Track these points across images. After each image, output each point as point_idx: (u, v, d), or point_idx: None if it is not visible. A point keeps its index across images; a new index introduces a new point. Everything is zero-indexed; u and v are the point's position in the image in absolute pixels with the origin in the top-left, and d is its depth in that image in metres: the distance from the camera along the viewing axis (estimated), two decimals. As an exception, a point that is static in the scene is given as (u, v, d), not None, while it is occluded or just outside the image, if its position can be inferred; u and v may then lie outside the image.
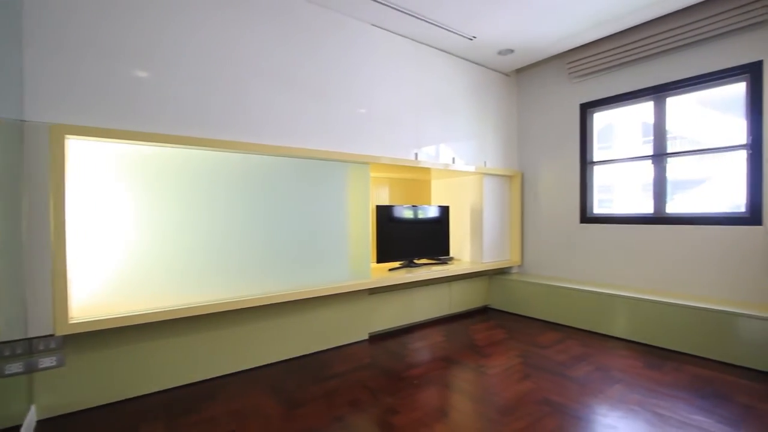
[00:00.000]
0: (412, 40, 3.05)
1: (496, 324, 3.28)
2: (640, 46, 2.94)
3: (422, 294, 3.30)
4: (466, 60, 3.46)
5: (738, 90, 2.63)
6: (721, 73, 2.65)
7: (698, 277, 2.75)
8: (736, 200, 2.64)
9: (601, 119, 3.42)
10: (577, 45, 3.24)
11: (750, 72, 2.53)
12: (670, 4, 2.61)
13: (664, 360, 2.43)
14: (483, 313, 3.67)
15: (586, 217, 3.41)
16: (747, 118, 2.55)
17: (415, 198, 3.82)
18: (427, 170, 3.31)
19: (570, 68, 3.41)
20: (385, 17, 2.71)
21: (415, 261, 3.47)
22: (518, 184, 3.84)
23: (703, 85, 2.75)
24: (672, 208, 2.93)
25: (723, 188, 2.72)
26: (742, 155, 2.59)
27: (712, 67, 2.68)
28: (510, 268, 3.93)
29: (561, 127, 3.59)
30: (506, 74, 3.85)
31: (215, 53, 2.12)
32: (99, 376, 1.92)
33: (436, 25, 2.83)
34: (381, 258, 3.14)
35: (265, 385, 2.15)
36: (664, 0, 2.54)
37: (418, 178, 3.82)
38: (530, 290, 3.46)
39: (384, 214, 3.19)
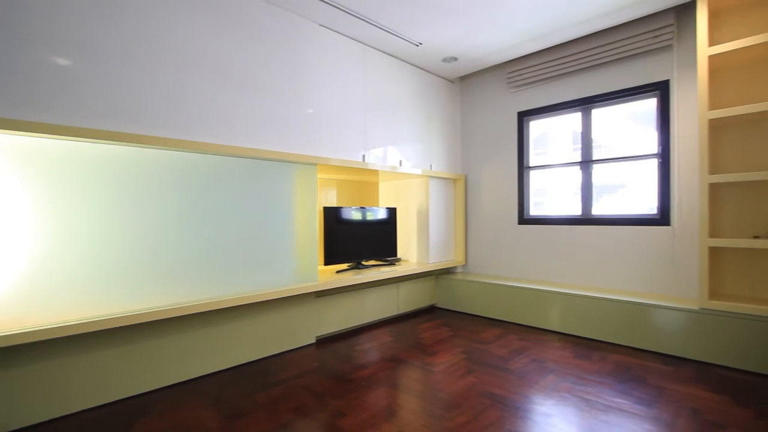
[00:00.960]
0: (361, 42, 3.06)
1: (442, 323, 3.38)
2: (570, 61, 3.20)
3: (370, 295, 3.32)
4: (413, 65, 3.54)
5: (651, 105, 2.94)
6: (636, 89, 2.95)
7: (619, 273, 3.03)
8: (649, 203, 2.95)
9: (536, 127, 3.66)
10: (515, 57, 3.45)
11: (660, 90, 2.85)
12: (593, 25, 2.86)
13: (592, 350, 2.65)
14: (430, 312, 3.76)
15: (524, 218, 3.63)
16: (658, 130, 2.86)
17: (363, 199, 3.84)
18: (374, 172, 3.34)
19: (509, 78, 3.61)
20: (334, 18, 2.70)
21: (363, 262, 3.48)
22: (462, 186, 4.00)
23: (622, 99, 3.05)
24: (597, 210, 3.21)
25: (639, 192, 3.03)
26: (654, 163, 2.90)
27: (629, 83, 2.98)
28: (455, 267, 4.07)
29: (501, 133, 3.79)
30: (451, 81, 3.99)
31: (148, 43, 1.98)
32: (7, 398, 1.71)
33: (384, 29, 2.87)
34: (328, 260, 3.11)
35: (205, 397, 2.03)
36: (587, 21, 2.79)
37: (365, 179, 3.84)
38: (474, 289, 3.61)
39: (331, 215, 3.16)
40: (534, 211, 3.64)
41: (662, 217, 2.83)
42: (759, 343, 2.20)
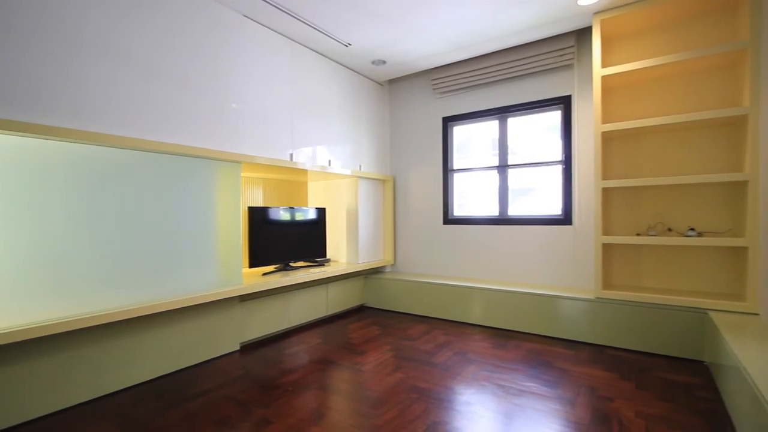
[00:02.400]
0: (289, 38, 2.98)
1: (371, 322, 3.42)
2: (489, 73, 3.43)
3: (299, 297, 3.25)
4: (343, 66, 3.54)
5: (557, 117, 3.28)
6: (545, 102, 3.26)
7: (531, 268, 3.33)
8: (555, 205, 3.28)
9: (460, 132, 3.87)
10: (441, 64, 3.61)
11: (563, 103, 3.19)
12: (508, 41, 3.11)
13: (508, 340, 2.87)
14: (359, 312, 3.79)
15: (448, 218, 3.82)
16: (562, 140, 3.20)
17: (291, 199, 3.74)
18: (303, 171, 3.27)
19: (434, 84, 3.77)
20: (259, 10, 2.59)
21: (292, 264, 3.39)
22: (391, 187, 4.08)
23: (533, 110, 3.36)
24: (513, 211, 3.49)
25: (547, 195, 3.35)
26: (559, 169, 3.23)
27: (539, 96, 3.29)
28: (384, 267, 4.15)
29: (427, 136, 3.95)
30: (380, 83, 4.06)
31: (40, 22, 1.73)
32: None
33: (313, 27, 2.83)
34: (254, 262, 2.98)
35: (114, 416, 1.83)
36: (503, 37, 3.02)
37: (294, 179, 3.74)
38: (402, 287, 3.71)
39: (257, 216, 3.03)
40: (457, 211, 3.85)
41: (565, 218, 3.17)
42: (641, 326, 2.57)
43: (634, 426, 1.69)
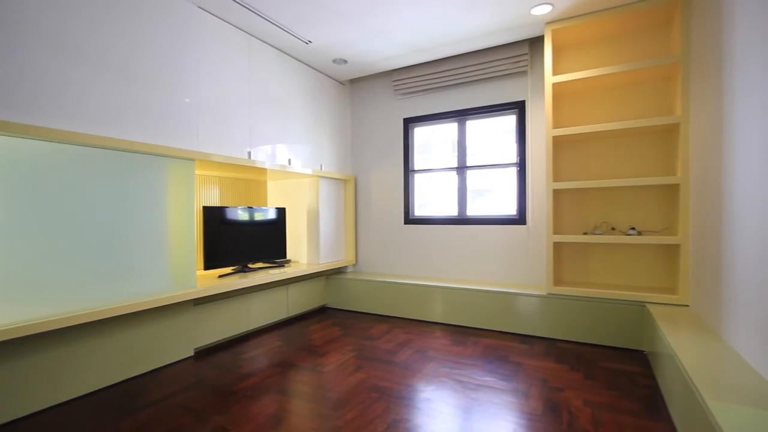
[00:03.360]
0: (247, 32, 2.89)
1: (333, 322, 3.40)
2: (449, 76, 3.51)
3: (258, 299, 3.16)
4: (303, 63, 3.49)
5: (512, 120, 3.41)
6: (501, 106, 3.39)
7: (488, 267, 3.45)
8: (510, 205, 3.41)
9: (421, 133, 3.93)
10: (401, 66, 3.65)
11: (518, 108, 3.32)
12: (466, 46, 3.20)
13: (467, 336, 2.95)
14: (321, 313, 3.75)
15: (409, 218, 3.87)
16: (517, 143, 3.34)
17: (249, 199, 3.63)
18: (262, 170, 3.18)
19: (395, 85, 3.81)
20: (214, 2, 2.50)
21: (250, 265, 3.30)
22: (352, 187, 4.07)
23: (490, 114, 3.48)
24: (471, 211, 3.60)
25: (503, 196, 3.48)
26: (514, 171, 3.37)
27: (495, 100, 3.41)
28: (345, 267, 4.13)
29: (388, 137, 3.98)
30: (341, 83, 4.04)
31: (-40, -2, 1.56)
32: None
33: (271, 22, 2.76)
34: (210, 264, 2.86)
35: (56, 431, 1.69)
36: (461, 41, 3.11)
37: (253, 178, 3.64)
38: (363, 287, 3.71)
39: (213, 215, 2.92)
40: (418, 212, 3.91)
41: (520, 217, 3.30)
42: (588, 319, 2.73)
43: (582, 414, 1.80)
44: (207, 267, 2.84)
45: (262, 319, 3.21)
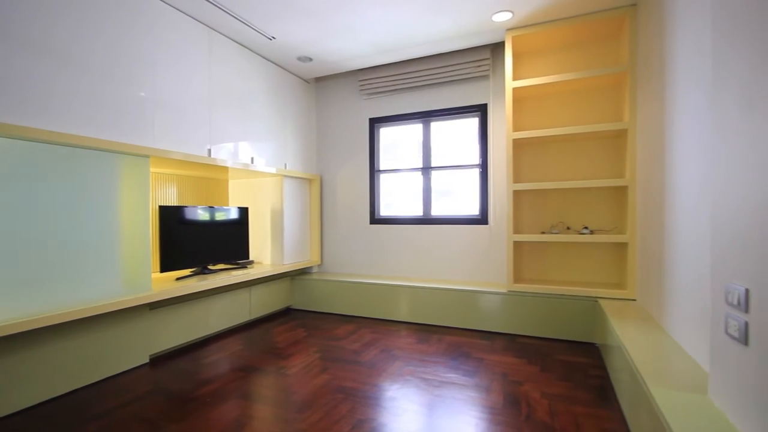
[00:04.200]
0: (207, 25, 2.79)
1: (298, 324, 3.34)
2: (414, 77, 3.56)
3: (219, 302, 3.05)
4: (267, 60, 3.41)
5: (475, 123, 3.50)
6: (464, 108, 3.47)
7: (452, 265, 3.52)
8: (473, 206, 3.50)
9: (387, 133, 3.95)
10: (367, 66, 3.65)
11: (480, 111, 3.42)
12: (430, 48, 3.25)
13: (431, 334, 3.00)
14: (285, 314, 3.68)
15: (375, 218, 3.88)
16: (479, 145, 3.43)
17: (210, 198, 3.50)
18: (224, 169, 3.08)
19: (361, 85, 3.80)
20: (171, -7, 2.39)
21: (210, 267, 3.18)
22: (317, 187, 4.03)
23: (454, 116, 3.55)
24: (436, 211, 3.66)
25: (467, 196, 3.57)
26: (476, 172, 3.46)
27: (459, 103, 3.49)
28: (311, 267, 4.08)
29: (354, 136, 3.97)
30: (306, 81, 3.98)
31: None
32: None
33: (232, 15, 2.68)
34: (167, 266, 2.73)
35: (-21, 454, 1.55)
36: (424, 44, 3.15)
37: (213, 176, 3.51)
38: (329, 288, 3.68)
39: (171, 215, 2.79)
40: (384, 211, 3.92)
41: (482, 217, 3.40)
42: (545, 315, 2.85)
43: (540, 406, 1.88)
44: (164, 269, 2.72)
45: (224, 322, 3.11)
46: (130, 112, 2.26)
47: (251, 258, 3.71)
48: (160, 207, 2.73)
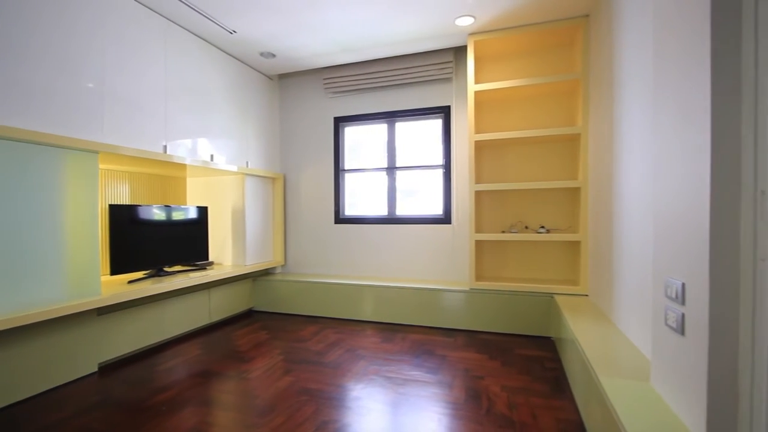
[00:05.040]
0: (162, 16, 2.66)
1: (260, 326, 3.27)
2: (379, 78, 3.57)
3: (175, 306, 2.92)
4: (228, 54, 3.30)
5: (439, 124, 3.57)
6: (428, 110, 3.53)
7: (417, 264, 3.57)
8: (437, 205, 3.57)
9: (353, 133, 3.94)
10: (332, 64, 3.62)
11: (444, 113, 3.49)
12: (394, 49, 3.28)
13: (396, 333, 3.02)
14: (247, 316, 3.58)
15: (339, 218, 3.86)
16: (442, 146, 3.50)
17: (166, 197, 3.34)
18: (181, 166, 2.95)
19: (325, 83, 3.77)
20: (123, -21, 2.26)
21: (166, 269, 3.04)
22: (281, 186, 3.95)
23: (418, 117, 3.60)
24: (400, 211, 3.69)
25: (431, 196, 3.63)
26: (440, 173, 3.53)
27: (423, 104, 3.54)
28: (274, 268, 4.00)
29: (319, 135, 3.93)
30: (269, 77, 3.89)
31: None
32: None
33: (189, 6, 2.58)
34: (118, 268, 2.58)
35: None
36: (388, 45, 3.18)
37: (170, 174, 3.36)
38: (293, 288, 3.62)
39: (123, 215, 2.64)
40: (349, 211, 3.91)
41: (446, 217, 3.47)
42: (505, 311, 2.95)
43: (500, 399, 1.94)
44: (114, 272, 2.57)
45: (181, 326, 2.98)
46: (76, 105, 2.11)
47: (211, 259, 3.58)
48: (111, 206, 2.57)
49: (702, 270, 1.05)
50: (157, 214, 2.91)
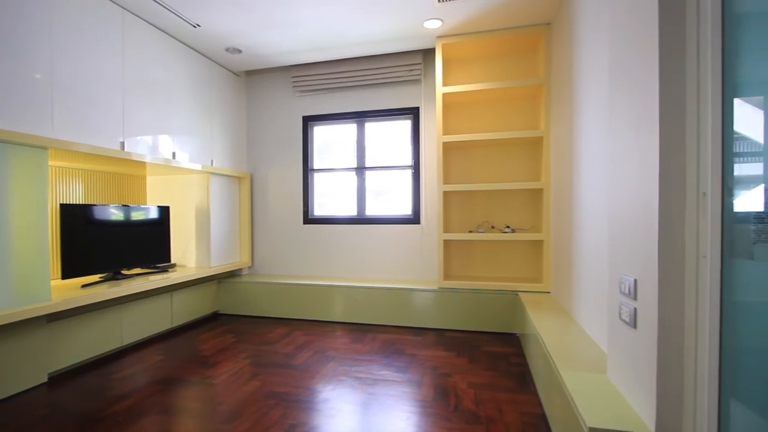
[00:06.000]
0: (119, 5, 2.53)
1: (226, 329, 3.17)
2: (349, 77, 3.55)
3: (134, 310, 2.78)
4: (191, 48, 3.18)
5: (408, 125, 3.60)
6: (397, 111, 3.55)
7: (386, 264, 3.58)
8: (406, 206, 3.60)
9: (323, 132, 3.90)
10: (300, 62, 3.58)
11: (413, 114, 3.52)
12: (364, 49, 3.28)
13: (365, 333, 3.02)
14: (212, 320, 3.47)
15: (308, 218, 3.81)
16: (412, 146, 3.53)
17: (125, 196, 3.18)
18: (140, 164, 2.82)
19: (294, 82, 3.71)
20: (76, -35, 2.13)
21: (124, 272, 2.90)
22: (247, 185, 3.86)
23: (387, 117, 3.62)
24: (370, 211, 3.70)
25: (400, 196, 3.65)
26: (409, 173, 3.56)
27: (392, 105, 3.56)
28: (240, 270, 3.90)
29: (287, 134, 3.86)
30: (236, 74, 3.79)
31: None
32: None
33: (152, -1, 2.47)
34: (70, 272, 2.44)
35: None
36: (357, 44, 3.18)
37: (128, 172, 3.20)
38: (260, 290, 3.54)
39: (76, 215, 2.49)
40: (318, 211, 3.87)
41: (415, 217, 3.51)
42: (472, 309, 3.02)
43: (466, 395, 1.99)
44: (66, 275, 2.42)
45: (141, 332, 2.84)
46: (21, 96, 1.97)
47: (173, 261, 3.44)
48: (62, 205, 2.42)
49: (652, 267, 1.12)
50: (114, 214, 2.77)
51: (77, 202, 2.78)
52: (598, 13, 1.85)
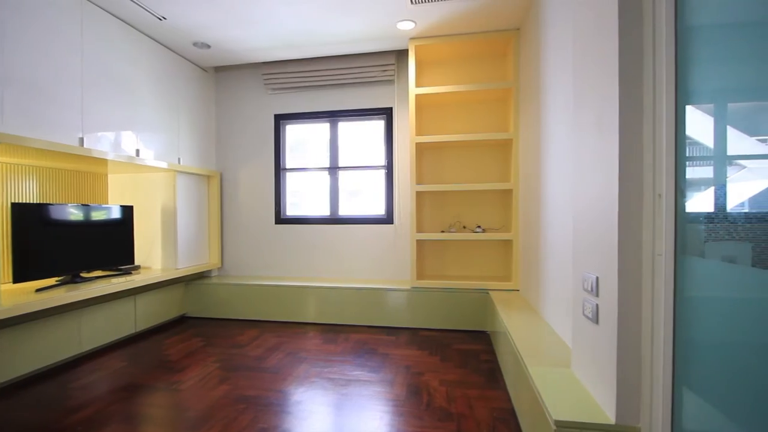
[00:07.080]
0: (77, -5, 2.40)
1: (193, 333, 3.08)
2: (322, 76, 3.52)
3: (94, 315, 2.65)
4: (157, 42, 3.06)
5: (381, 125, 3.61)
6: (371, 111, 3.55)
7: (359, 264, 3.58)
8: (379, 206, 3.60)
9: (295, 131, 3.84)
10: (272, 59, 3.51)
11: (386, 114, 3.53)
12: (337, 48, 3.26)
13: (338, 334, 3.01)
14: (179, 323, 3.35)
15: (281, 218, 3.75)
16: (385, 147, 3.54)
17: (84, 195, 3.02)
18: (101, 161, 2.69)
19: (265, 79, 3.65)
20: (29, -50, 2.01)
21: (83, 275, 2.75)
22: (217, 184, 3.75)
23: (360, 117, 3.61)
24: (343, 211, 3.68)
25: (373, 196, 3.66)
26: (383, 173, 3.57)
27: (366, 105, 3.56)
28: (209, 271, 3.79)
29: (258, 132, 3.79)
30: (204, 69, 3.68)
31: None
32: None
33: (113, -11, 2.36)
34: (23, 275, 2.29)
35: None
36: (330, 44, 3.16)
37: (88, 169, 3.04)
38: (230, 292, 3.45)
39: (28, 215, 2.34)
40: (290, 211, 3.82)
41: (388, 217, 3.52)
42: (444, 308, 3.06)
43: (438, 393, 2.01)
44: (19, 279, 2.27)
45: (101, 337, 2.71)
46: (-33, 89, 1.84)
47: (137, 263, 3.30)
48: (13, 205, 2.27)
49: (612, 264, 1.18)
50: (73, 213, 2.63)
51: (31, 201, 2.62)
52: (564, 21, 1.91)
